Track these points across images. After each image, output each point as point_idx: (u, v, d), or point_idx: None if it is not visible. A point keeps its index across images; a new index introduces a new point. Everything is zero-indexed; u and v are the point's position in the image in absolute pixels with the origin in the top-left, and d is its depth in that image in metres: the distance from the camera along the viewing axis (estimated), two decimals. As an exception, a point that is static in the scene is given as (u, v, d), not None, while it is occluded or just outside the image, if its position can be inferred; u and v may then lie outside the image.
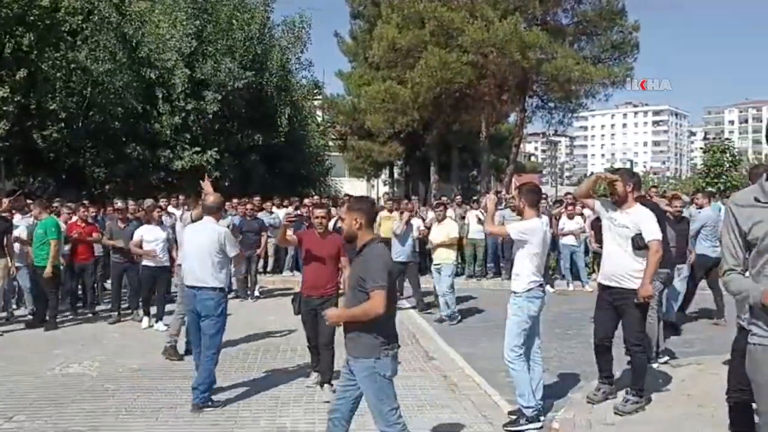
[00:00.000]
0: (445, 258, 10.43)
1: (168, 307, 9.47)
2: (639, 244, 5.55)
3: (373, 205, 4.52)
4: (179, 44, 21.11)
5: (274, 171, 24.92)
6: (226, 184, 21.11)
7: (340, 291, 6.47)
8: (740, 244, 3.03)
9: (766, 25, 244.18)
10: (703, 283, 9.93)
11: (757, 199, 2.99)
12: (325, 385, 6.35)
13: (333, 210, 12.66)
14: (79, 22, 19.03)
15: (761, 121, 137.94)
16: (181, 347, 7.83)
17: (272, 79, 24.76)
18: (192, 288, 6.11)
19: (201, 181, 6.83)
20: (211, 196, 6.34)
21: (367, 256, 4.03)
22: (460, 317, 10.50)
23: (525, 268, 5.54)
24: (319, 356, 6.44)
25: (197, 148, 21.51)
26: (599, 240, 6.90)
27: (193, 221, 6.77)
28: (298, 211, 13.76)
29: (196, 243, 6.16)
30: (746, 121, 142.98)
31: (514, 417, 5.55)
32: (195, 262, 6.11)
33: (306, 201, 16.01)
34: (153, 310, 9.72)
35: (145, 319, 9.79)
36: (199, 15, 22.43)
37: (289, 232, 6.89)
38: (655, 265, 5.53)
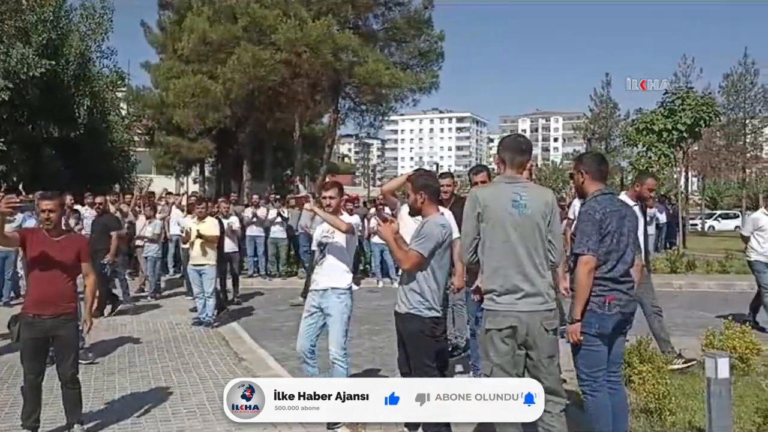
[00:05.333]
0: (207, 260, 9.63)
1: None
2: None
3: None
4: (-42, 23, 18.86)
5: (72, 166, 23.05)
6: (14, 179, 19.14)
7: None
8: None
9: (553, 42, 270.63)
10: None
11: None
12: (76, 425, 5.05)
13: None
14: None
15: (549, 130, 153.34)
16: None
17: (70, 67, 22.90)
18: None
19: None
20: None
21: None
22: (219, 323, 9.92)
23: (347, 264, 5.61)
24: (38, 400, 4.96)
25: (-21, 139, 19.34)
26: None
27: None
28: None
29: None
30: (537, 130, 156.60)
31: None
32: None
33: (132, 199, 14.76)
34: None
35: None
36: (-18, -8, 20.19)
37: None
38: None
